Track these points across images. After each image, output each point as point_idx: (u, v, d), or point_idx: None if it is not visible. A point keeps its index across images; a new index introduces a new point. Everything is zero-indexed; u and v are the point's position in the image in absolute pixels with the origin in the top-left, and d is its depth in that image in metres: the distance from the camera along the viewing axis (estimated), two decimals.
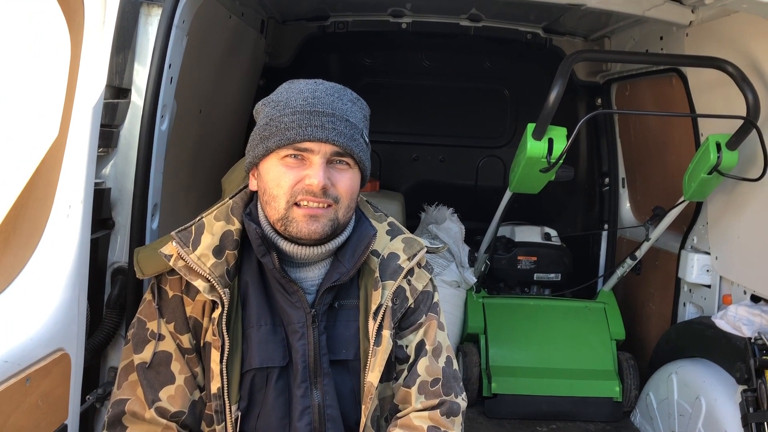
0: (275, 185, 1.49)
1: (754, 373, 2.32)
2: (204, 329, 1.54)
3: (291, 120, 1.47)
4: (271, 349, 1.54)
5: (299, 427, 1.54)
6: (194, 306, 1.54)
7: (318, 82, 1.56)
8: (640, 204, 3.82)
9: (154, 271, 1.54)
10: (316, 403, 1.55)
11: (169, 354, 1.53)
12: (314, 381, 1.55)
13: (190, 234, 1.51)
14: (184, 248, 1.49)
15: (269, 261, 1.52)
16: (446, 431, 1.61)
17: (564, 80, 2.26)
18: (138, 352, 1.53)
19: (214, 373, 1.50)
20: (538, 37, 3.88)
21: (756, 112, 2.32)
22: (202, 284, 1.48)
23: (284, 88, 1.57)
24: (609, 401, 3.30)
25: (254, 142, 1.54)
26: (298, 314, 1.54)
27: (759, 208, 2.55)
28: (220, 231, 1.53)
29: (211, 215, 1.55)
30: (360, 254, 1.57)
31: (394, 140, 4.38)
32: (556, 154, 2.33)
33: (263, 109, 1.56)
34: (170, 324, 1.54)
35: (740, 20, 2.42)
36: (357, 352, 1.59)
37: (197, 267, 1.47)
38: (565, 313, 3.55)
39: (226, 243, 1.52)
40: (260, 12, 3.39)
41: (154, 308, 1.54)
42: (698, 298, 3.08)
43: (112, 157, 1.86)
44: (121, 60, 1.77)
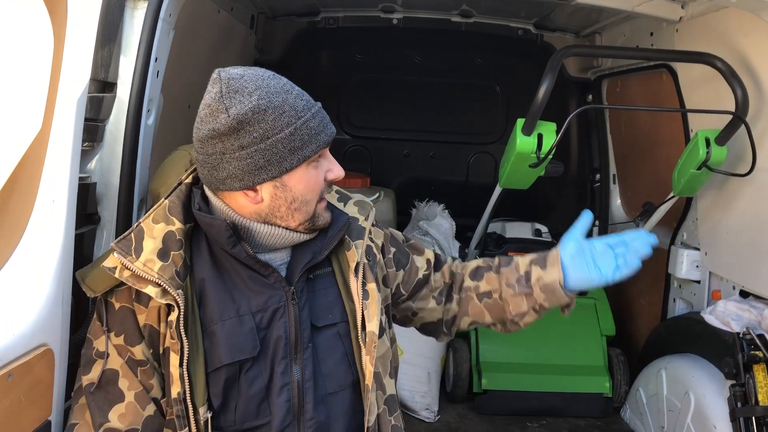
0: (310, 191, 1.50)
1: (742, 368, 2.33)
2: (162, 335, 1.50)
3: (316, 123, 1.46)
4: (240, 341, 1.51)
5: (278, 403, 1.52)
6: (148, 314, 1.49)
7: (271, 75, 1.49)
8: (631, 200, 3.83)
9: (105, 286, 1.48)
10: (296, 379, 1.54)
11: (115, 371, 1.49)
12: (294, 357, 1.54)
13: (130, 242, 1.46)
14: (127, 257, 1.44)
15: (241, 250, 1.49)
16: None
17: (553, 75, 2.26)
18: (86, 373, 1.50)
19: (174, 378, 1.46)
20: (530, 33, 3.89)
21: (744, 107, 2.32)
22: (154, 290, 1.43)
23: (262, 91, 1.43)
24: (599, 397, 3.31)
25: (276, 156, 1.43)
26: (276, 294, 1.54)
27: (748, 204, 2.55)
28: (162, 233, 1.48)
29: (148, 219, 1.49)
30: (333, 236, 1.59)
31: (385, 136, 4.37)
32: (546, 150, 2.32)
33: (262, 119, 1.42)
34: (119, 337, 1.49)
35: (730, 16, 2.42)
36: (343, 313, 1.60)
37: (144, 273, 1.43)
38: (556, 309, 3.55)
39: (169, 244, 1.47)
40: (250, 7, 3.37)
41: (98, 325, 1.51)
42: (688, 293, 3.09)
43: (98, 151, 1.84)
44: (107, 53, 1.75)
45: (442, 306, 1.82)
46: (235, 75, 1.44)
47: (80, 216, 1.75)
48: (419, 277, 1.78)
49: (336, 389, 1.58)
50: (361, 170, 4.19)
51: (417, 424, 3.19)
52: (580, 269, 1.69)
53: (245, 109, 1.40)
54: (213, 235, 1.51)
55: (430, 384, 3.28)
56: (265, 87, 1.44)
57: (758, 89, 2.36)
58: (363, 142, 4.39)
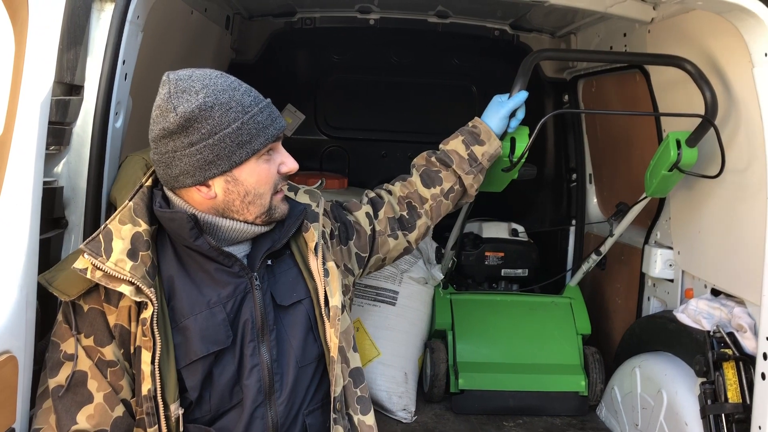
0: (262, 184, 1.56)
1: (712, 365, 2.35)
2: (132, 335, 1.53)
3: (264, 117, 1.52)
4: (213, 333, 1.56)
5: (249, 385, 1.58)
6: (119, 314, 1.53)
7: (218, 73, 1.55)
8: (607, 200, 3.86)
9: (78, 289, 1.50)
10: (265, 359, 1.60)
11: (84, 373, 1.51)
12: (261, 339, 1.61)
13: (99, 243, 1.49)
14: (98, 258, 1.47)
15: (204, 242, 1.54)
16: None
17: (525, 79, 2.27)
18: (52, 376, 1.51)
19: (145, 375, 1.49)
20: (506, 34, 3.90)
21: (714, 110, 2.34)
22: (127, 288, 1.47)
23: (209, 89, 1.49)
24: (575, 396, 3.34)
25: (226, 151, 1.50)
26: (241, 282, 1.60)
27: (718, 204, 2.58)
28: (129, 234, 1.52)
29: (115, 221, 1.53)
30: (291, 224, 1.68)
31: (362, 137, 4.36)
32: (518, 153, 2.33)
33: (209, 116, 1.47)
34: (89, 338, 1.52)
35: (699, 18, 2.44)
36: (306, 290, 1.69)
37: (116, 273, 1.46)
38: (532, 308, 3.58)
39: (137, 245, 1.51)
40: (225, 8, 3.35)
41: (65, 327, 1.53)
42: (662, 292, 3.12)
43: (65, 154, 1.82)
44: (72, 56, 1.73)
45: (403, 237, 2.04)
46: (183, 76, 1.51)
47: (47, 220, 1.73)
48: (368, 233, 1.96)
49: (303, 363, 1.66)
50: (339, 171, 4.19)
51: (394, 424, 3.19)
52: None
53: (192, 107, 1.47)
54: (175, 230, 1.56)
55: (407, 384, 3.28)
56: (212, 85, 1.50)
57: (727, 92, 2.39)
58: (340, 142, 4.38)
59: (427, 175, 2.10)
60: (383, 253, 2.02)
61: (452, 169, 2.09)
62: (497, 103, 2.19)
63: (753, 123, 2.22)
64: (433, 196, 2.08)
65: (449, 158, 2.09)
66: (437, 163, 2.11)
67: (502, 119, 2.17)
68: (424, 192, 2.08)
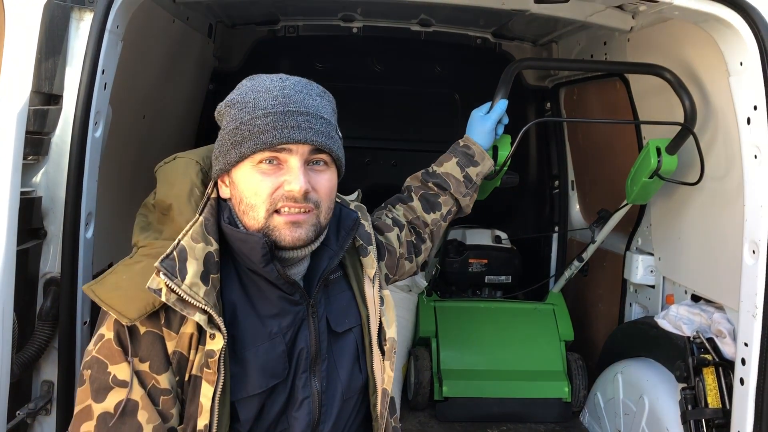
0: (252, 194, 1.41)
1: (692, 371, 2.37)
2: (190, 363, 1.41)
3: (264, 122, 1.38)
4: (273, 366, 1.46)
5: (299, 417, 1.50)
6: (179, 340, 1.39)
7: (283, 78, 1.47)
8: (589, 206, 3.89)
9: (141, 311, 1.35)
10: (316, 391, 1.52)
11: (135, 403, 1.35)
12: (314, 369, 1.52)
13: (174, 262, 1.35)
14: (174, 279, 1.32)
15: (273, 269, 1.42)
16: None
17: (506, 88, 2.28)
18: (99, 401, 1.35)
19: (204, 409, 1.38)
20: (488, 42, 3.93)
21: (692, 118, 2.37)
22: (201, 317, 1.34)
23: (247, 86, 1.46)
24: (558, 402, 3.35)
25: (224, 148, 1.43)
26: (299, 309, 1.50)
27: (698, 211, 2.61)
28: (203, 254, 1.39)
29: (188, 237, 1.39)
30: (345, 236, 1.58)
31: (347, 144, 4.28)
32: (501, 161, 2.35)
33: (228, 112, 1.45)
34: (144, 363, 1.37)
35: (676, 27, 2.47)
36: (357, 317, 1.62)
37: (191, 299, 1.33)
38: (515, 315, 3.59)
39: (209, 267, 1.39)
40: (208, 16, 3.35)
41: (116, 349, 1.37)
42: (643, 298, 3.14)
43: (43, 164, 1.81)
44: (51, 66, 1.72)
45: (414, 261, 2.02)
46: (254, 76, 1.51)
47: (24, 231, 1.72)
48: (398, 256, 1.92)
49: (348, 396, 1.59)
50: None
51: None
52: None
53: (224, 101, 1.48)
54: (245, 252, 1.43)
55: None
56: (251, 84, 1.47)
57: (705, 100, 2.42)
58: None
59: (426, 200, 2.07)
60: (399, 274, 1.96)
61: (450, 193, 2.08)
62: (480, 118, 2.19)
63: (730, 131, 2.25)
64: (434, 221, 2.07)
65: (446, 182, 2.07)
66: (435, 187, 2.08)
67: (489, 133, 2.18)
68: (425, 217, 2.06)
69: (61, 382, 1.85)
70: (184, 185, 1.50)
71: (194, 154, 1.57)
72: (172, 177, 1.53)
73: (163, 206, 1.51)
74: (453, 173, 2.09)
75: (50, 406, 1.87)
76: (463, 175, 2.09)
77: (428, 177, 2.10)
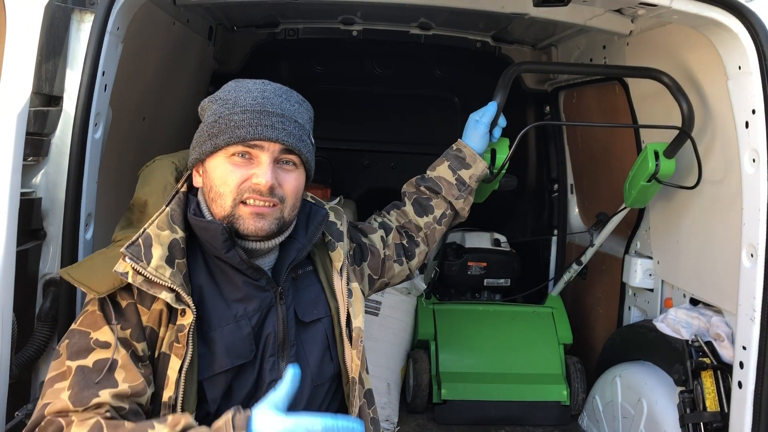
0: (222, 183, 1.52)
1: (690, 374, 2.37)
2: (160, 339, 1.51)
3: (241, 119, 1.49)
4: (239, 346, 1.55)
5: None
6: (150, 315, 1.50)
7: (265, 83, 1.60)
8: (588, 210, 3.89)
9: (109, 287, 1.47)
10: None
11: (115, 361, 1.42)
12: (281, 354, 1.60)
13: (139, 248, 1.47)
14: (139, 263, 1.45)
15: (235, 255, 1.53)
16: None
17: (504, 91, 2.29)
18: (77, 359, 1.41)
19: (170, 381, 1.47)
20: (488, 46, 3.94)
21: (690, 122, 2.38)
22: (168, 295, 1.46)
23: (231, 86, 1.59)
24: (557, 405, 3.35)
25: (201, 139, 1.55)
26: (267, 295, 1.60)
27: (696, 215, 2.61)
28: (168, 240, 1.51)
29: (153, 226, 1.51)
30: (314, 231, 1.68)
31: (346, 147, 4.37)
32: (499, 164, 2.35)
33: (210, 107, 1.58)
34: (126, 331, 1.47)
35: (675, 31, 2.48)
36: (327, 309, 1.70)
37: (158, 279, 1.45)
38: (514, 318, 3.59)
39: (174, 252, 1.51)
40: (208, 18, 3.36)
41: (99, 315, 1.47)
42: (642, 301, 3.14)
43: (43, 166, 1.82)
44: (51, 67, 1.73)
45: (405, 264, 2.06)
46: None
47: (24, 231, 1.72)
48: (382, 257, 1.98)
49: (318, 382, 1.65)
50: (322, 181, 4.19)
51: None
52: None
53: (208, 98, 1.59)
54: (208, 240, 1.55)
55: (390, 395, 3.28)
56: (235, 84, 1.58)
57: (703, 104, 2.42)
58: (323, 153, 4.37)
59: (418, 203, 2.12)
60: (388, 277, 2.03)
61: (442, 196, 2.11)
62: (473, 122, 2.22)
63: (728, 135, 2.26)
64: (427, 225, 2.10)
65: (438, 186, 2.11)
66: (427, 191, 2.13)
67: (482, 137, 2.20)
68: (418, 221, 2.10)
69: None
70: (159, 183, 1.66)
71: (173, 156, 1.73)
72: (149, 177, 1.69)
73: (140, 204, 1.67)
74: (445, 176, 2.12)
75: None
76: (455, 178, 2.12)
77: (421, 182, 2.15)
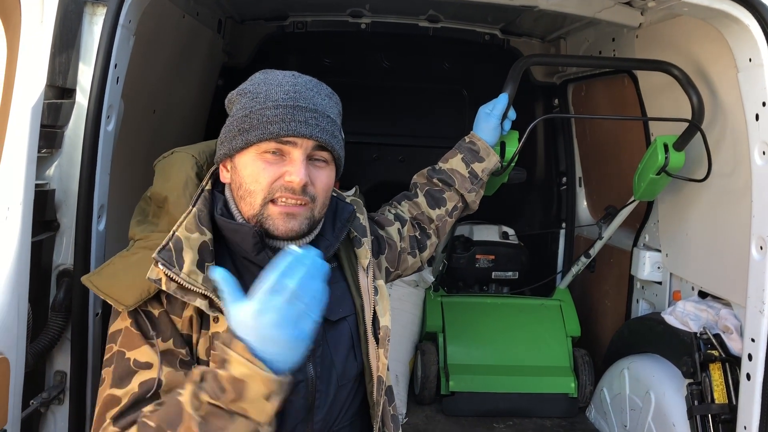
0: (253, 181, 1.46)
1: (698, 366, 2.38)
2: (194, 345, 1.46)
3: (274, 114, 1.43)
4: None
5: (293, 401, 1.51)
6: (182, 323, 1.45)
7: (295, 75, 1.53)
8: (596, 203, 3.89)
9: (137, 298, 1.41)
10: (310, 375, 1.55)
11: (160, 381, 1.38)
12: (308, 355, 1.51)
13: (171, 253, 1.41)
14: (172, 269, 1.39)
15: (265, 257, 1.47)
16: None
17: (514, 84, 2.29)
18: (124, 386, 1.37)
19: None
20: (496, 38, 3.93)
21: (700, 114, 2.37)
22: (202, 302, 1.40)
23: (260, 78, 1.53)
24: (564, 397, 3.36)
25: (231, 134, 1.49)
26: None
27: (705, 208, 2.61)
28: (197, 244, 1.45)
29: (182, 228, 1.45)
30: (341, 228, 1.63)
31: (354, 140, 4.34)
32: (508, 157, 2.35)
33: (239, 100, 1.51)
34: (168, 341, 1.42)
35: (685, 23, 2.47)
36: (352, 307, 1.65)
37: (191, 286, 1.39)
38: (522, 310, 3.60)
39: (204, 255, 1.45)
40: (217, 11, 3.36)
41: (135, 334, 1.41)
42: (650, 294, 3.15)
43: (57, 158, 1.84)
44: (65, 60, 1.74)
45: (417, 256, 2.02)
46: (267, 70, 1.56)
47: (38, 223, 1.74)
48: (398, 250, 1.93)
49: (343, 382, 1.62)
50: None
51: None
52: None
53: (236, 90, 1.53)
54: (237, 242, 1.49)
55: (398, 386, 3.30)
56: (266, 77, 1.52)
57: (713, 97, 2.42)
58: None
59: (431, 195, 2.09)
60: (402, 269, 1.99)
61: (455, 189, 2.09)
62: (485, 114, 2.20)
63: (738, 127, 2.25)
64: (439, 217, 2.08)
65: (451, 178, 2.09)
66: (439, 183, 2.10)
67: (494, 130, 2.19)
68: (430, 213, 2.07)
69: (73, 372, 1.87)
70: (180, 178, 1.57)
71: (191, 149, 1.64)
72: (168, 170, 1.60)
73: (158, 199, 1.58)
74: (458, 169, 2.10)
75: (63, 396, 1.90)
76: (468, 171, 2.10)
77: (433, 173, 2.12)
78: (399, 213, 2.03)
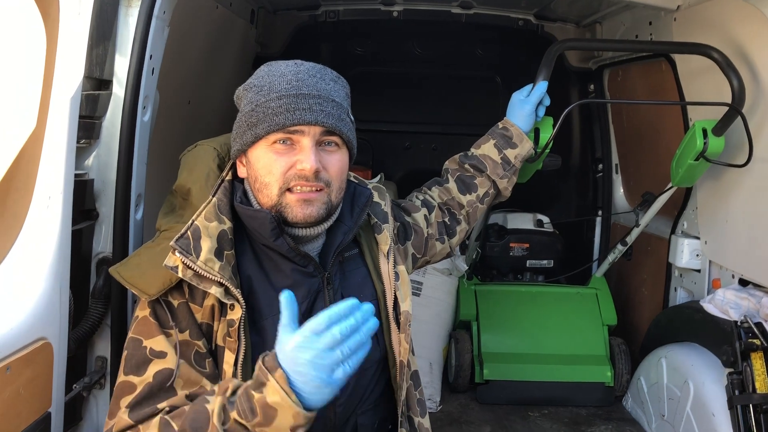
0: (267, 173, 1.49)
1: (739, 356, 2.34)
2: (215, 332, 1.50)
3: (278, 105, 1.46)
4: None
5: None
6: (203, 312, 1.49)
7: (298, 63, 1.55)
8: (633, 190, 3.83)
9: (159, 288, 1.45)
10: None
11: (171, 371, 1.42)
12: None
13: (188, 241, 1.45)
14: (189, 257, 1.42)
15: (283, 243, 1.50)
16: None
17: (548, 70, 2.26)
18: (140, 374, 1.42)
19: (226, 375, 1.47)
20: (530, 24, 3.88)
21: (741, 98, 2.31)
22: (217, 290, 1.43)
23: (264, 71, 1.55)
24: (601, 386, 3.33)
25: (241, 130, 1.52)
26: (314, 282, 1.57)
27: (746, 194, 2.55)
28: (216, 232, 1.48)
29: (201, 217, 1.49)
30: (359, 213, 1.65)
31: (386, 129, 4.38)
32: (542, 144, 2.33)
33: (245, 95, 1.54)
34: (185, 332, 1.46)
35: (726, 5, 2.41)
36: (373, 292, 1.67)
37: (207, 273, 1.43)
38: (557, 299, 3.57)
39: (223, 244, 1.48)
40: (250, 2, 3.39)
41: (152, 323, 1.45)
42: (689, 282, 3.09)
43: (95, 148, 1.87)
44: (101, 52, 1.78)
45: (446, 242, 2.02)
46: (273, 62, 1.58)
47: (78, 212, 1.78)
48: (425, 236, 1.94)
49: (365, 366, 1.58)
50: (363, 163, 4.22)
51: None
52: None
53: (242, 86, 1.55)
54: (256, 228, 1.52)
55: (432, 374, 3.31)
56: (269, 69, 1.54)
57: (755, 80, 2.36)
58: (364, 134, 4.38)
59: (462, 181, 2.08)
60: (430, 255, 1.99)
61: (486, 175, 2.08)
62: (519, 101, 2.17)
63: None
64: (469, 203, 2.06)
65: (483, 164, 2.08)
66: (471, 169, 2.08)
67: (529, 116, 2.16)
68: (461, 199, 2.06)
69: (113, 357, 1.93)
70: (202, 170, 1.61)
71: (213, 142, 1.68)
72: (192, 163, 1.65)
73: (183, 191, 1.63)
74: (490, 155, 2.09)
75: (104, 381, 1.95)
76: (500, 157, 2.08)
77: (465, 159, 2.10)
78: (427, 199, 2.03)
